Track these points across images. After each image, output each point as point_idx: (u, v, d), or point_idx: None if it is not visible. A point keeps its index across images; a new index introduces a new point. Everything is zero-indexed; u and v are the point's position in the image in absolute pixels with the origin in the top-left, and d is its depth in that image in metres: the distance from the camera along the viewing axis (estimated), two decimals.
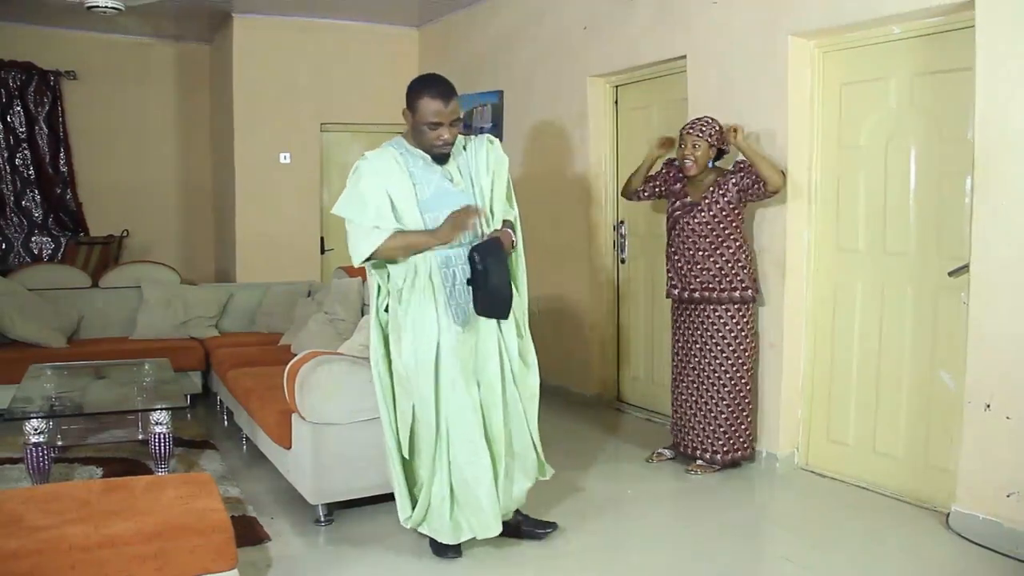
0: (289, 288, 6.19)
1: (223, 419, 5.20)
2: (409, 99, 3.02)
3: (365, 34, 7.33)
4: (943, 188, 3.63)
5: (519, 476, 3.19)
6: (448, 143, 3.01)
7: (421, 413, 3.03)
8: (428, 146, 3.01)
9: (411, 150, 3.05)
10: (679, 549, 3.33)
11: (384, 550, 3.27)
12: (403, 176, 2.98)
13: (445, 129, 2.97)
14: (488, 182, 3.11)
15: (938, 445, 3.65)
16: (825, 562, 3.18)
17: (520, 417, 3.16)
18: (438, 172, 3.05)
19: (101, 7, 5.73)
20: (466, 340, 3.03)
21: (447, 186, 3.05)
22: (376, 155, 3.02)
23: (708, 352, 4.06)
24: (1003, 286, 3.22)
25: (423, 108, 2.95)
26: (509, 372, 3.12)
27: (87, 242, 7.12)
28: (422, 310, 2.99)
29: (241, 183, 7.02)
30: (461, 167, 3.10)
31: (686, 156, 4.02)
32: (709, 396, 4.08)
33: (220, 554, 2.43)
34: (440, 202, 3.01)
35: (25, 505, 2.52)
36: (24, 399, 3.86)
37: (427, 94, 2.96)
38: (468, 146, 3.14)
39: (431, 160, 3.04)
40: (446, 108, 2.95)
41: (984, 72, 3.23)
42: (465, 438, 3.01)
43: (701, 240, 4.02)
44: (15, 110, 7.05)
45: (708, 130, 4.01)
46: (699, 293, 4.06)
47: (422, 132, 2.98)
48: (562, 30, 5.62)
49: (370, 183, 2.95)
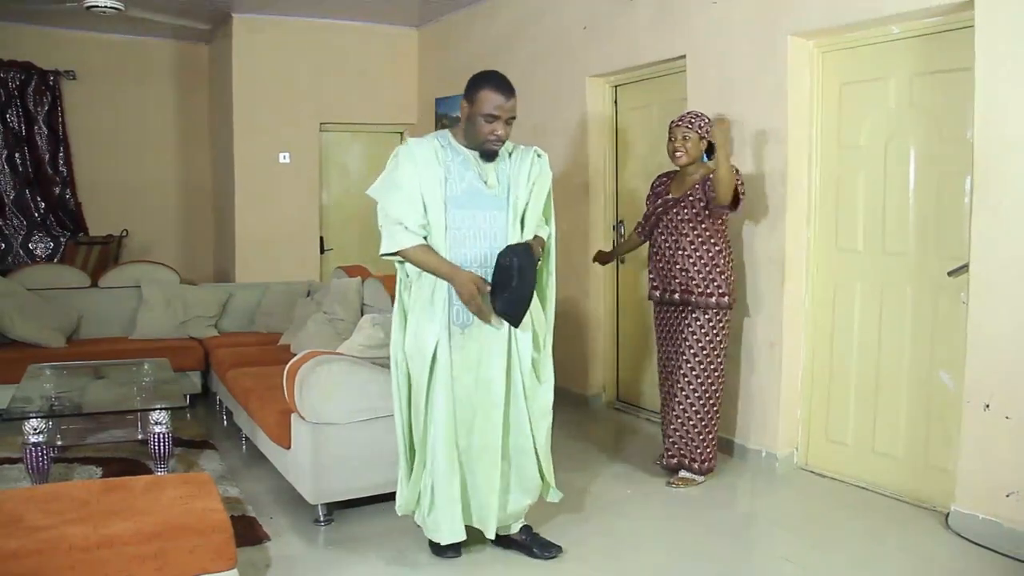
0: (288, 288, 6.19)
1: (222, 419, 5.20)
2: (470, 89, 3.00)
3: (364, 34, 7.33)
4: (942, 188, 3.64)
5: (516, 491, 3.13)
6: (501, 140, 2.97)
7: (415, 400, 3.04)
8: (481, 140, 2.96)
9: (454, 145, 3.02)
10: (678, 549, 3.33)
11: (384, 550, 3.27)
12: (437, 168, 2.94)
13: (501, 124, 2.94)
14: (525, 193, 3.05)
15: (937, 445, 3.65)
16: (824, 562, 3.18)
17: (525, 433, 3.08)
18: (473, 171, 3.00)
19: (101, 7, 5.74)
20: (467, 344, 2.99)
21: (480, 187, 3.00)
22: (417, 142, 2.98)
23: (682, 356, 3.96)
24: (1003, 286, 3.22)
25: (483, 99, 2.93)
26: (520, 384, 3.05)
27: (86, 242, 7.11)
28: (427, 302, 2.98)
29: (240, 183, 7.02)
30: (500, 173, 3.05)
31: (676, 148, 3.95)
32: (688, 402, 3.96)
33: (219, 554, 2.43)
34: (469, 201, 2.97)
35: (24, 505, 2.51)
36: (23, 399, 3.85)
37: (489, 86, 2.96)
38: (513, 154, 3.10)
39: (472, 158, 3.01)
40: (506, 103, 2.94)
41: (984, 72, 3.23)
42: (445, 438, 2.97)
43: (682, 239, 3.93)
44: (15, 110, 7.05)
45: (697, 122, 3.92)
46: (679, 295, 3.96)
47: (477, 124, 2.94)
48: (562, 30, 5.62)
49: (406, 171, 2.92)
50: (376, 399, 3.47)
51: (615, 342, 5.61)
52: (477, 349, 3.00)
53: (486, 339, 3.00)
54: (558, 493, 3.28)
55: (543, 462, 3.16)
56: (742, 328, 4.36)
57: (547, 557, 3.19)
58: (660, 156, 4.89)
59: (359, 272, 5.58)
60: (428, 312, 2.97)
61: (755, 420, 4.32)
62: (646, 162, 5.16)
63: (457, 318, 2.99)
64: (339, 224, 7.63)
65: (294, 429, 3.57)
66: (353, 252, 7.50)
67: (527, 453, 3.11)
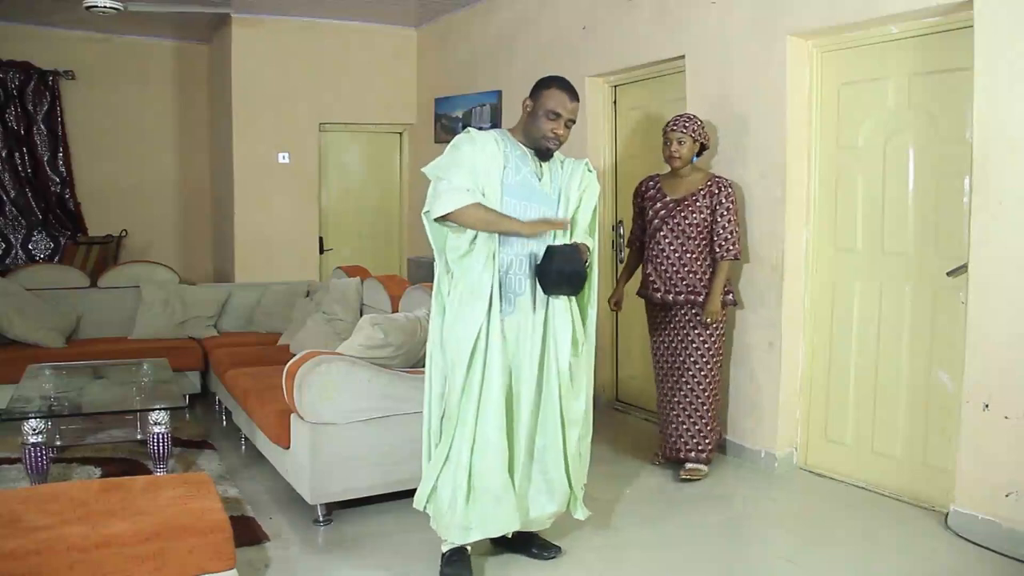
0: (287, 288, 6.18)
1: (221, 419, 5.20)
2: (536, 88, 3.02)
3: (364, 34, 7.33)
4: (941, 188, 3.64)
5: (541, 492, 3.04)
6: (558, 139, 2.98)
7: (451, 389, 2.93)
8: (539, 137, 2.97)
9: (512, 140, 3.02)
10: (678, 549, 3.33)
11: (383, 550, 3.27)
12: (498, 155, 2.94)
13: (561, 124, 2.95)
14: (576, 198, 3.06)
15: (936, 445, 3.65)
16: (824, 562, 3.18)
17: (554, 434, 3.02)
18: (530, 166, 3.00)
19: (100, 7, 5.73)
20: (509, 330, 2.93)
21: (534, 183, 3.00)
22: (478, 132, 2.99)
23: (689, 356, 4.04)
24: (1001, 286, 3.22)
25: (549, 96, 2.96)
26: (555, 384, 3.00)
27: (85, 242, 7.11)
28: (474, 284, 2.90)
29: (240, 183, 7.02)
30: (553, 175, 3.05)
31: (672, 153, 4.04)
32: (696, 398, 4.06)
33: (218, 554, 2.43)
34: (524, 192, 2.96)
35: (23, 505, 2.51)
36: (22, 399, 3.85)
37: (556, 85, 2.99)
38: (565, 163, 3.11)
39: (529, 154, 3.01)
40: (570, 104, 2.96)
41: (982, 72, 3.23)
42: (493, 425, 2.87)
43: (688, 242, 4.03)
44: (13, 110, 7.04)
45: (691, 126, 4.04)
46: (683, 296, 4.04)
47: (538, 120, 2.95)
48: (561, 30, 5.62)
49: (468, 152, 2.91)
50: (375, 399, 3.47)
51: (614, 342, 5.61)
52: (515, 338, 2.95)
53: (524, 335, 2.96)
54: (585, 511, 3.15)
55: (571, 471, 3.07)
56: (741, 328, 4.36)
57: (546, 558, 3.18)
58: (659, 156, 4.90)
59: (358, 272, 5.58)
60: (474, 296, 2.88)
61: (754, 420, 4.32)
62: (645, 162, 5.15)
63: (506, 304, 2.93)
64: (338, 224, 7.63)
65: (293, 429, 3.57)
66: (353, 252, 7.51)
67: (555, 454, 3.03)
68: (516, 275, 2.96)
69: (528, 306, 2.97)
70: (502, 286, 2.92)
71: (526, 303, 2.97)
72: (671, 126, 4.06)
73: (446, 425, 2.95)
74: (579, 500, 3.13)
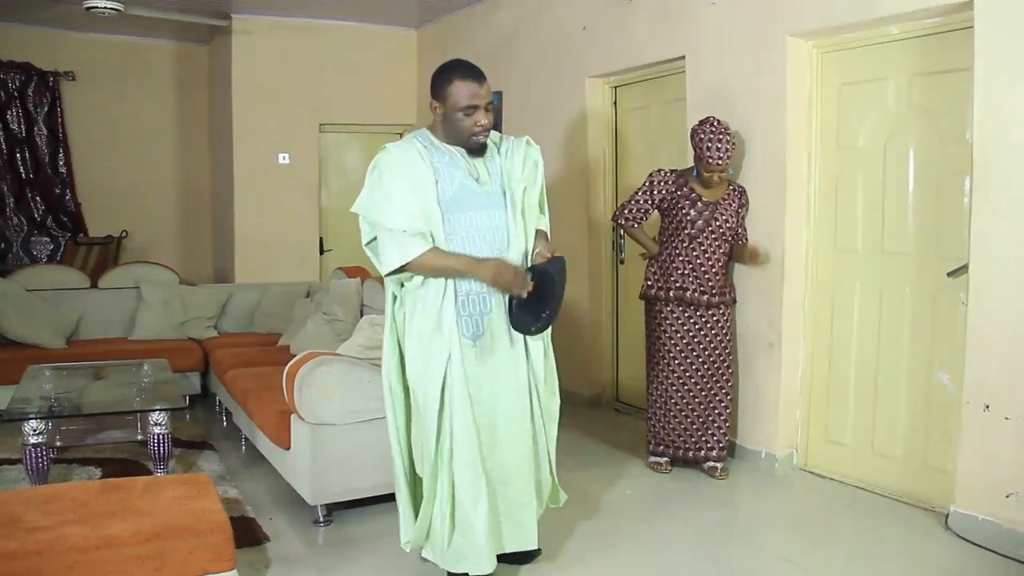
0: (288, 289, 6.19)
1: (222, 420, 5.20)
2: (437, 87, 2.75)
3: (363, 35, 7.33)
4: (942, 188, 3.64)
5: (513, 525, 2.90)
6: (486, 129, 2.75)
7: (423, 427, 2.81)
8: (465, 136, 2.74)
9: (436, 144, 2.80)
10: (678, 549, 3.33)
11: (383, 550, 3.26)
12: (426, 171, 2.71)
13: (482, 113, 2.71)
14: (521, 188, 2.83)
15: (937, 445, 3.65)
16: (824, 562, 3.18)
17: (543, 445, 2.97)
18: (463, 169, 2.77)
19: (100, 8, 5.73)
20: (482, 356, 2.79)
21: (472, 185, 2.77)
22: (398, 147, 2.78)
23: (718, 355, 4.12)
24: (1002, 286, 3.22)
25: (456, 93, 2.69)
26: (536, 398, 2.91)
27: (86, 243, 7.11)
28: (433, 317, 2.73)
29: (240, 184, 7.02)
30: (491, 168, 2.83)
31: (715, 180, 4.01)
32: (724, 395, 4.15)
33: (219, 555, 2.43)
34: (464, 203, 2.75)
35: (24, 506, 2.52)
36: (23, 400, 3.85)
37: (458, 76, 2.71)
38: (503, 148, 2.88)
39: (459, 155, 2.79)
40: (481, 89, 2.70)
41: (983, 72, 3.23)
42: (466, 462, 2.74)
43: (724, 244, 4.12)
44: (14, 111, 7.04)
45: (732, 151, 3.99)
46: (717, 297, 4.08)
47: (456, 121, 2.71)
48: (561, 30, 5.62)
49: (393, 179, 2.69)
50: (375, 400, 3.46)
51: (614, 342, 5.61)
52: (493, 362, 2.80)
53: (501, 350, 2.81)
54: (564, 495, 3.18)
55: (553, 464, 3.07)
56: (741, 329, 4.36)
57: (529, 560, 3.12)
58: (659, 156, 4.91)
59: (359, 273, 5.59)
60: (435, 329, 2.72)
61: (754, 421, 4.32)
62: (645, 162, 5.15)
63: (466, 330, 2.77)
64: (338, 225, 7.61)
65: (293, 430, 3.57)
66: (353, 253, 7.50)
67: (544, 465, 3.02)
68: (479, 293, 2.78)
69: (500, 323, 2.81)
70: (465, 308, 2.76)
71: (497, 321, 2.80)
72: (718, 161, 3.92)
73: (427, 468, 2.81)
74: (559, 490, 3.15)
